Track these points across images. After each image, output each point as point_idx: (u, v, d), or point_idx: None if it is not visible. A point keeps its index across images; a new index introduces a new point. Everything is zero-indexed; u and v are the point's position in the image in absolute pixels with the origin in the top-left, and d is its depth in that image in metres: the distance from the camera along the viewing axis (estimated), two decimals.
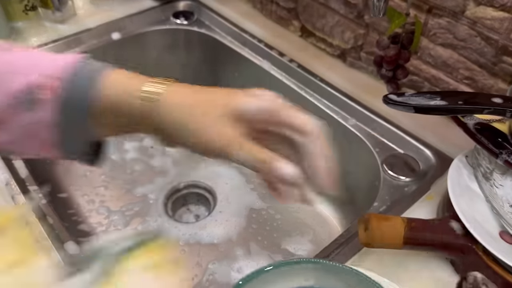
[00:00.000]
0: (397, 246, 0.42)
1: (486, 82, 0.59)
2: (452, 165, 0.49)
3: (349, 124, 0.67)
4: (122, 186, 0.77)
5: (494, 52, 0.56)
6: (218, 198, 0.77)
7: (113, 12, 0.85)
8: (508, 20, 0.53)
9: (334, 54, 0.77)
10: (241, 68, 0.83)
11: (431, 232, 0.43)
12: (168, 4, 0.90)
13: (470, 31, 0.57)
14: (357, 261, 0.47)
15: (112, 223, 0.71)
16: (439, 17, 0.60)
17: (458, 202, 0.44)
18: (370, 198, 0.58)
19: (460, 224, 0.43)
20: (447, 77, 0.63)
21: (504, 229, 0.43)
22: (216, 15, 0.87)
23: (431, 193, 0.54)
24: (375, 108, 0.66)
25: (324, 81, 0.72)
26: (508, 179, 0.48)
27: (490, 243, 0.40)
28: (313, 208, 0.75)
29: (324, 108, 0.70)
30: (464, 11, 0.57)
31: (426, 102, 0.43)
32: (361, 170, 0.67)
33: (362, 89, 0.70)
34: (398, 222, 0.42)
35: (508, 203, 0.45)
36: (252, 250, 0.69)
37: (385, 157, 0.61)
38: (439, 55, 0.62)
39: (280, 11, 0.83)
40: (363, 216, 0.43)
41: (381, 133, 0.64)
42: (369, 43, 0.71)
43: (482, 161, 0.48)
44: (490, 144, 0.46)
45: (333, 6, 0.73)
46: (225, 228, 0.72)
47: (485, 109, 0.43)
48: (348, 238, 0.50)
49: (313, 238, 0.71)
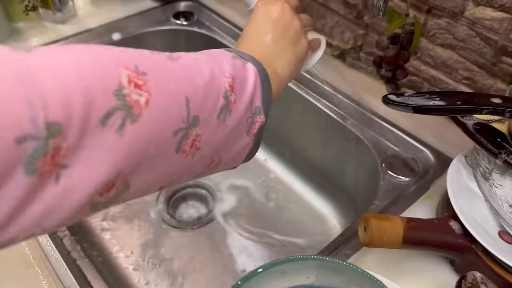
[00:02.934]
0: (396, 245, 0.42)
1: (485, 82, 0.59)
2: (452, 165, 0.49)
3: (349, 124, 0.67)
4: None
5: (493, 52, 0.56)
6: (218, 198, 0.77)
7: (113, 12, 0.85)
8: (507, 20, 0.53)
9: (334, 54, 0.77)
10: None
11: (431, 231, 0.43)
12: (169, 4, 0.90)
13: (469, 31, 0.57)
14: (356, 260, 0.47)
15: (110, 224, 0.72)
16: (439, 18, 0.60)
17: (457, 202, 0.44)
18: (370, 198, 0.58)
19: (459, 224, 0.43)
20: (446, 77, 0.63)
21: (503, 229, 0.43)
22: (216, 16, 0.87)
23: (431, 193, 0.54)
24: (375, 108, 0.67)
25: (324, 81, 0.73)
26: (507, 179, 0.48)
27: (489, 242, 0.40)
28: (313, 208, 0.76)
29: (324, 108, 0.70)
30: (464, 11, 0.57)
31: (425, 102, 0.44)
32: (361, 170, 0.67)
33: (361, 90, 0.70)
34: (398, 222, 0.42)
35: (507, 203, 0.45)
36: (252, 249, 0.69)
37: (385, 157, 0.62)
38: (439, 56, 0.62)
39: None
40: (363, 216, 0.43)
41: (380, 133, 0.65)
42: (368, 43, 0.71)
43: (481, 161, 0.48)
44: (489, 144, 0.46)
45: (333, 6, 0.73)
46: (225, 228, 0.72)
47: (484, 109, 0.43)
48: (348, 238, 0.51)
49: (312, 237, 0.71)
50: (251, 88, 0.33)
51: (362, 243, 0.43)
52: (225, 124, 0.30)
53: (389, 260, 0.47)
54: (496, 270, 0.41)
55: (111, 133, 0.22)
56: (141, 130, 0.23)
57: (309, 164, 0.78)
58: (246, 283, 0.31)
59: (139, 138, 0.23)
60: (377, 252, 0.47)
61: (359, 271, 0.33)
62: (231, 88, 0.31)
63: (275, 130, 0.82)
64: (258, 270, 0.32)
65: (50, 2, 0.79)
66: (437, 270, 0.46)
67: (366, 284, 0.33)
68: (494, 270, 0.41)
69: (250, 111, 0.33)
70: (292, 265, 0.33)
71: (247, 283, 0.31)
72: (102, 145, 0.22)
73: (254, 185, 0.79)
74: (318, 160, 0.76)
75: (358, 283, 0.33)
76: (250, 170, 0.82)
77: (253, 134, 0.34)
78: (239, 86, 0.32)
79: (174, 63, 0.28)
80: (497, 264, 0.41)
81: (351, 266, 0.33)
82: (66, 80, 0.21)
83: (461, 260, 0.44)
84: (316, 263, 0.34)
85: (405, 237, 0.42)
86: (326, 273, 0.34)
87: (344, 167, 0.72)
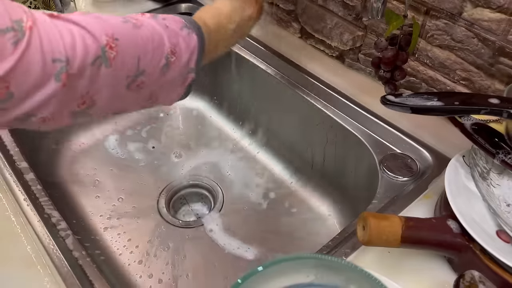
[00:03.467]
0: (394, 244, 0.42)
1: (483, 83, 0.60)
2: (449, 164, 0.49)
3: (348, 125, 0.67)
4: (122, 186, 0.78)
5: (491, 53, 0.57)
6: (218, 197, 0.77)
7: (114, 14, 0.84)
8: (505, 21, 0.54)
9: (333, 55, 0.78)
10: (241, 69, 0.83)
11: (429, 231, 0.44)
12: (170, 6, 0.90)
13: (468, 32, 0.58)
14: (355, 259, 0.48)
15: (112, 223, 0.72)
16: (437, 19, 0.60)
17: (455, 201, 0.44)
18: (368, 197, 0.58)
19: (457, 223, 0.43)
20: (444, 78, 0.64)
21: (501, 228, 0.43)
22: None
23: (429, 192, 0.55)
24: (373, 109, 0.67)
25: (323, 82, 0.73)
26: (505, 178, 0.48)
27: (487, 242, 0.41)
28: (312, 207, 0.76)
29: (323, 109, 0.70)
30: (462, 12, 0.57)
31: (423, 103, 0.44)
32: (360, 169, 0.68)
33: (360, 90, 0.71)
34: (396, 221, 0.43)
35: (505, 202, 0.46)
36: (252, 249, 0.70)
37: (383, 157, 0.62)
38: (437, 57, 0.63)
39: (280, 13, 0.84)
40: (362, 215, 0.43)
41: (379, 133, 0.65)
42: (367, 44, 0.71)
43: (479, 161, 0.48)
44: (487, 144, 0.47)
45: (332, 8, 0.73)
46: (225, 228, 0.73)
47: (482, 109, 0.43)
48: (346, 237, 0.51)
49: (311, 237, 0.71)
50: (188, 55, 0.45)
51: (361, 242, 0.43)
52: (164, 77, 0.43)
53: (387, 259, 0.47)
54: (494, 269, 0.41)
55: (94, 69, 0.37)
56: (109, 72, 0.38)
57: (309, 163, 0.78)
58: (246, 281, 0.31)
59: (107, 75, 0.38)
60: (376, 251, 0.47)
61: (358, 269, 0.33)
62: (172, 53, 0.43)
63: (275, 130, 0.83)
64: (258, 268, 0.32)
65: (52, 4, 0.79)
66: (436, 269, 0.46)
67: (365, 282, 0.33)
68: (492, 269, 0.41)
69: (186, 70, 0.45)
70: (291, 264, 0.34)
71: (247, 282, 0.32)
72: (89, 74, 0.37)
73: (254, 185, 0.79)
74: (317, 160, 0.77)
75: (357, 281, 0.34)
76: (249, 170, 0.82)
77: (185, 85, 0.47)
78: (180, 52, 0.44)
79: (136, 31, 0.41)
80: (495, 263, 0.41)
81: (350, 265, 0.33)
82: (78, 36, 0.36)
83: (459, 259, 0.45)
84: (315, 262, 0.34)
85: (404, 236, 0.42)
86: (326, 272, 0.34)
87: (343, 166, 0.72)
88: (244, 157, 0.84)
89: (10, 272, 0.47)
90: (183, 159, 0.84)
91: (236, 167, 0.82)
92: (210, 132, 0.89)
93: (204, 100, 0.93)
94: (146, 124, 0.89)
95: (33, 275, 0.47)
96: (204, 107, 0.93)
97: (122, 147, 0.85)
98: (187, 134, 0.89)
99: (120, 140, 0.86)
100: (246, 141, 0.87)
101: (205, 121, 0.92)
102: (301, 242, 0.71)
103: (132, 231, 0.71)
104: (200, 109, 0.93)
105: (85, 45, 0.36)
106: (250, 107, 0.85)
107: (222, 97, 0.91)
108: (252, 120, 0.86)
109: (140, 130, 0.88)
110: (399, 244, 0.42)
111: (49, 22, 0.35)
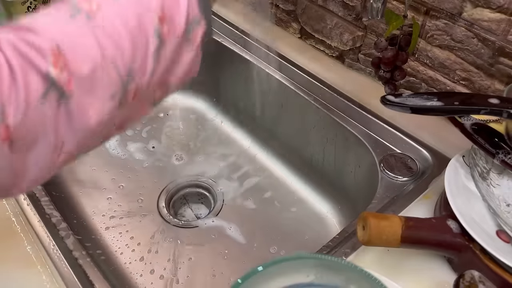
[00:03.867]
0: (394, 244, 0.42)
1: (483, 83, 0.60)
2: (449, 164, 0.49)
3: (347, 124, 0.67)
4: (122, 186, 0.78)
5: (491, 53, 0.57)
6: (218, 197, 0.77)
7: None
8: (505, 21, 0.54)
9: (333, 55, 0.78)
10: (241, 69, 0.83)
11: (429, 231, 0.44)
12: None
13: (467, 32, 0.58)
14: (355, 259, 0.48)
15: (112, 223, 0.72)
16: (437, 19, 0.60)
17: (455, 201, 0.44)
18: (368, 197, 0.58)
19: (457, 223, 0.43)
20: (444, 78, 0.64)
21: (501, 228, 0.43)
22: (216, 17, 0.87)
23: (429, 192, 0.54)
24: (373, 109, 0.67)
25: (323, 82, 0.73)
26: (504, 178, 0.48)
27: (487, 241, 0.41)
28: (312, 207, 0.76)
29: (322, 109, 0.70)
30: (462, 12, 0.57)
31: (423, 103, 0.44)
32: (360, 169, 0.68)
33: (360, 90, 0.71)
34: (396, 221, 0.43)
35: (504, 202, 0.46)
36: (252, 248, 0.70)
37: (383, 156, 0.62)
38: (436, 57, 0.63)
39: (280, 13, 0.84)
40: (361, 215, 0.43)
41: (379, 133, 0.65)
42: (367, 44, 0.71)
43: (479, 161, 0.48)
44: (486, 144, 0.47)
45: (332, 8, 0.73)
46: (224, 228, 0.73)
47: (482, 109, 0.43)
48: (346, 237, 0.51)
49: (311, 237, 0.71)
50: (184, 4, 0.31)
51: (361, 242, 0.43)
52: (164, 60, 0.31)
53: (387, 259, 0.47)
54: (494, 269, 0.41)
55: (49, 106, 0.26)
56: (74, 101, 0.27)
57: (309, 163, 0.78)
58: (246, 281, 0.31)
59: (75, 106, 0.27)
60: (376, 251, 0.47)
61: (358, 269, 0.33)
62: (161, 20, 0.30)
63: (275, 130, 0.83)
64: (258, 268, 0.32)
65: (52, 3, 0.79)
66: (435, 269, 0.46)
67: (365, 282, 0.33)
68: (492, 269, 0.41)
69: (189, 26, 0.32)
70: (291, 263, 0.34)
71: (247, 282, 0.32)
72: (43, 115, 0.26)
73: (253, 184, 0.79)
74: (317, 160, 0.77)
75: (357, 281, 0.34)
76: (249, 169, 0.82)
77: (197, 46, 0.34)
78: (169, 9, 0.30)
79: (92, 23, 0.28)
80: (495, 263, 0.41)
81: (350, 265, 0.33)
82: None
83: (459, 259, 0.45)
84: (315, 261, 0.34)
85: (403, 236, 0.42)
86: (325, 272, 0.34)
87: (343, 166, 0.72)
88: (244, 157, 0.84)
89: (10, 272, 0.47)
90: (183, 159, 0.84)
91: (236, 167, 0.82)
92: (210, 132, 0.90)
93: (204, 100, 0.94)
94: (146, 124, 0.90)
95: (33, 275, 0.47)
96: (204, 107, 0.93)
97: (122, 147, 0.85)
98: (187, 134, 0.89)
99: (120, 140, 0.86)
100: (246, 141, 0.87)
101: (205, 121, 0.92)
102: (301, 242, 0.71)
103: (132, 231, 0.71)
104: (200, 109, 0.93)
105: (25, 81, 0.25)
106: (250, 107, 0.85)
107: (222, 97, 0.91)
108: (252, 120, 0.86)
109: (140, 130, 0.89)
110: (399, 244, 0.42)
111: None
